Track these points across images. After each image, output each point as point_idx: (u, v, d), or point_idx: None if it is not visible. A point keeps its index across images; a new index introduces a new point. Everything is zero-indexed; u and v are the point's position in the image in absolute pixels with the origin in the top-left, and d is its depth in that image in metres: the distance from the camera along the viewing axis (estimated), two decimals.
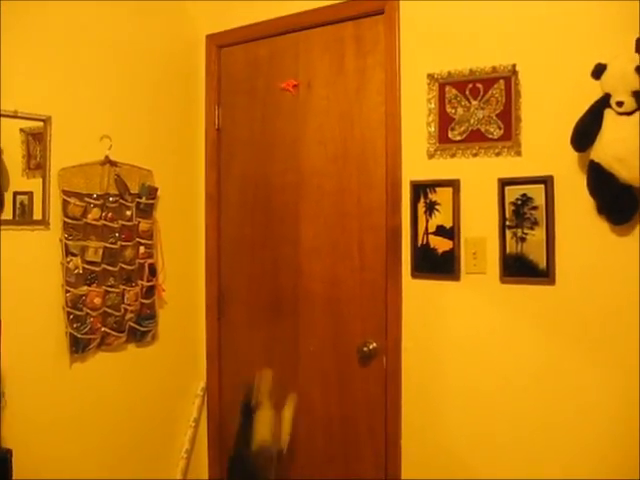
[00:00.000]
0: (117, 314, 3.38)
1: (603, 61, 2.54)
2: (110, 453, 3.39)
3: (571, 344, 2.76)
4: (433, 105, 3.07)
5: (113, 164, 3.35)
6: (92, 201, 3.25)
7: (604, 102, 2.55)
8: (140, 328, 3.52)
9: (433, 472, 3.14)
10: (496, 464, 2.96)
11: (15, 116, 2.94)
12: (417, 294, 3.15)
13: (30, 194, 3.04)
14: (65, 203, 3.14)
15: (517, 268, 2.86)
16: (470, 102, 2.97)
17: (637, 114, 2.49)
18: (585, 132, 2.60)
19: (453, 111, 3.02)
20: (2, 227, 2.91)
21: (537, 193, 2.81)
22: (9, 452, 2.75)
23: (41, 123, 3.05)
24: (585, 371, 2.73)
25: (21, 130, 3.01)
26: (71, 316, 3.16)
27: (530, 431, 2.87)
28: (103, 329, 3.31)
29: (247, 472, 3.30)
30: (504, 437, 2.94)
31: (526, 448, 2.88)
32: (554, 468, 2.81)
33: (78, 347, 3.19)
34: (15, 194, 2.98)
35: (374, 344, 3.30)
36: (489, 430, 2.98)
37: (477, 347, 2.99)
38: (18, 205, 2.99)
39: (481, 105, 2.94)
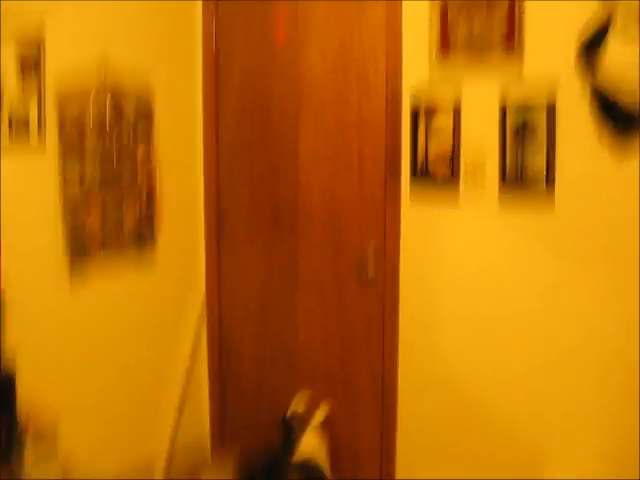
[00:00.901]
0: (116, 238, 3.40)
1: None
2: (112, 371, 3.46)
3: (571, 268, 2.79)
4: (435, 16, 2.99)
5: (109, 88, 3.30)
6: (89, 126, 3.22)
7: (610, 23, 2.51)
8: (139, 251, 3.54)
9: (429, 398, 3.21)
10: (495, 391, 3.02)
11: None
12: (416, 219, 3.17)
13: (26, 119, 2.99)
14: (62, 128, 3.11)
15: (517, 192, 2.87)
16: (473, 19, 2.91)
17: None
18: (590, 51, 2.58)
19: (456, 25, 2.95)
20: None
21: (539, 116, 2.79)
22: (13, 375, 2.81)
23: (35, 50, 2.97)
24: (586, 295, 2.77)
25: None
26: (70, 240, 3.18)
27: (530, 358, 2.92)
28: (102, 252, 3.34)
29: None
30: (503, 364, 2.99)
31: (527, 375, 2.93)
32: (556, 395, 2.86)
33: (78, 270, 3.22)
34: (11, 119, 2.94)
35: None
36: (488, 357, 3.03)
37: (476, 273, 3.03)
38: (14, 130, 2.95)
39: (486, 24, 2.88)
